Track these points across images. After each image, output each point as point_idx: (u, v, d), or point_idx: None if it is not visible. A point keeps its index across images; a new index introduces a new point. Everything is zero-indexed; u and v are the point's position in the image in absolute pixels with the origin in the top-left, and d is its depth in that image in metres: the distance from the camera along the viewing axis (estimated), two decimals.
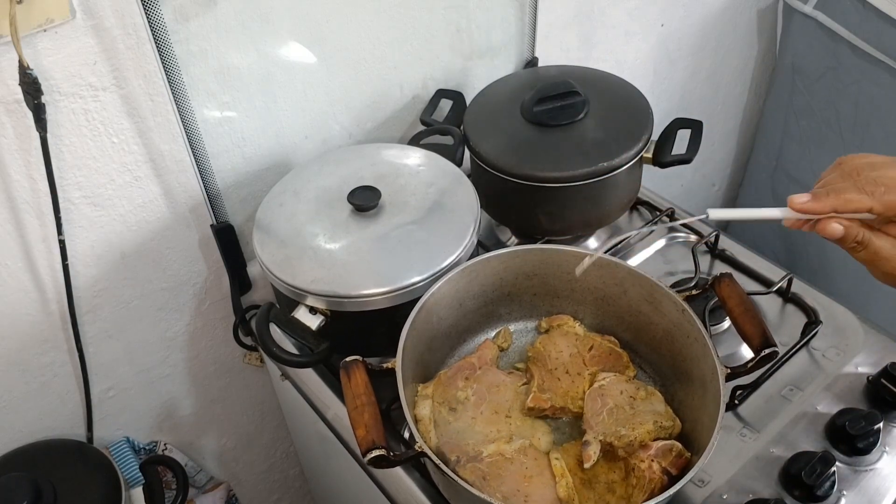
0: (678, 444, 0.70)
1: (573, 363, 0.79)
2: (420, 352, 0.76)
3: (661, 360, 0.80)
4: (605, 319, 0.84)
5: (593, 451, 0.70)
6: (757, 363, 0.71)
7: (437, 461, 0.64)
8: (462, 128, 0.98)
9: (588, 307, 0.84)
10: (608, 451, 0.72)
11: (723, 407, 0.66)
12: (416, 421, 0.72)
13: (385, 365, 0.71)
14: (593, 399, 0.75)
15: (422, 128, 1.02)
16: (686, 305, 0.74)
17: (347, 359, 0.70)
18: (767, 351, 0.70)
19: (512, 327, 0.86)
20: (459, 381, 0.77)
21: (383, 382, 0.70)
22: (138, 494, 0.92)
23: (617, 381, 0.77)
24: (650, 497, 0.65)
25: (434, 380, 0.77)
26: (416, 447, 0.65)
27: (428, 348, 0.78)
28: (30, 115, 0.73)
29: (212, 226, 0.92)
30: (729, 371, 0.69)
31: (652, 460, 0.69)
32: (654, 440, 0.71)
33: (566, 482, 0.69)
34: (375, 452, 0.63)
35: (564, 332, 0.82)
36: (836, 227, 0.61)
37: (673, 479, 0.68)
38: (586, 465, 0.70)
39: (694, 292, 0.78)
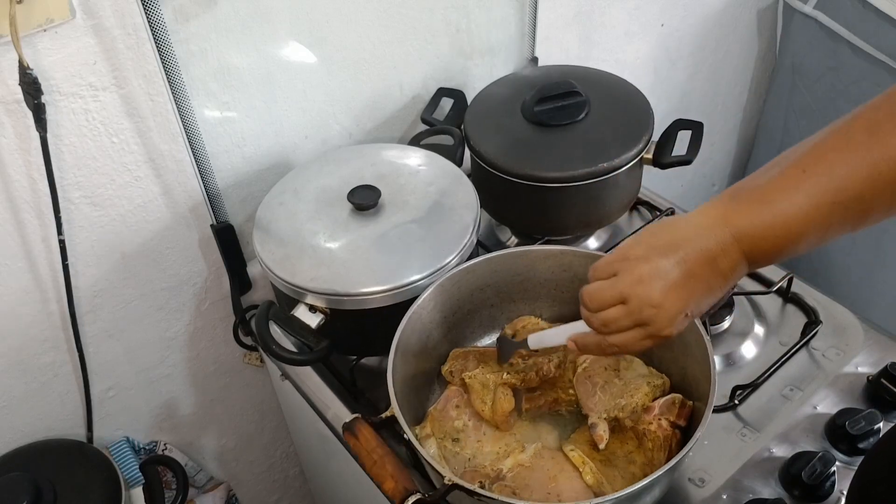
0: (679, 396, 0.72)
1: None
2: (405, 394, 0.75)
3: None
4: (562, 307, 0.84)
5: (603, 431, 0.71)
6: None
7: (474, 488, 0.62)
8: (462, 127, 0.98)
9: (544, 301, 0.85)
10: (615, 426, 0.73)
11: (709, 344, 0.68)
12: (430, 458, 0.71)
13: (383, 415, 0.71)
14: (582, 383, 0.76)
15: (422, 127, 1.02)
16: None
17: (347, 420, 0.69)
18: None
19: (479, 343, 0.86)
20: (451, 410, 0.77)
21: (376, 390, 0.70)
22: (138, 494, 0.92)
23: (596, 360, 0.77)
24: (670, 453, 0.67)
25: (427, 418, 0.77)
26: (447, 480, 0.64)
27: (411, 389, 0.78)
28: (30, 115, 0.73)
29: (212, 226, 0.92)
30: None
31: (659, 419, 0.70)
32: (654, 400, 0.72)
33: (590, 468, 0.70)
34: (413, 498, 0.63)
35: (531, 330, 0.82)
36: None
37: (684, 431, 0.70)
38: (601, 446, 0.71)
39: None
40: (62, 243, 0.82)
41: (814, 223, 0.54)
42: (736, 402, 0.81)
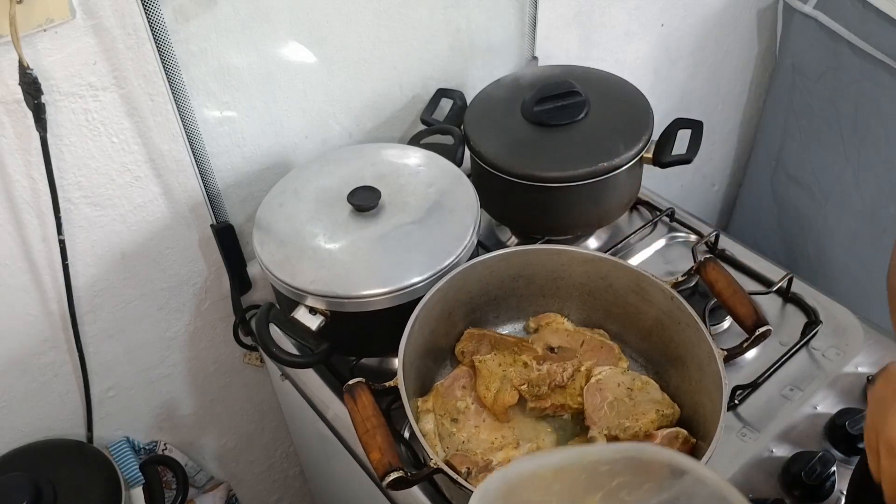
0: (683, 431, 0.71)
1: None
2: (417, 366, 0.75)
3: (651, 349, 0.81)
4: (591, 313, 0.84)
5: None
6: (752, 342, 0.72)
7: (455, 476, 0.63)
8: (462, 127, 0.98)
9: (574, 303, 0.84)
10: None
11: (724, 389, 0.67)
12: (422, 436, 0.72)
13: (387, 384, 0.70)
14: (592, 394, 0.75)
15: (422, 127, 1.02)
16: (675, 292, 0.75)
17: (350, 382, 0.69)
18: (762, 329, 0.72)
19: (501, 330, 0.86)
20: (457, 390, 0.77)
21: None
22: (138, 494, 0.92)
23: (613, 373, 0.77)
24: None
25: (432, 392, 0.77)
26: (432, 464, 0.64)
27: (423, 362, 0.78)
28: (30, 115, 0.73)
29: (212, 226, 0.92)
30: (726, 353, 0.70)
31: None
32: (658, 429, 0.72)
33: None
34: (394, 475, 0.63)
35: (554, 329, 0.82)
36: None
37: None
38: None
39: (680, 278, 0.79)
40: (62, 243, 0.82)
41: None
42: (736, 402, 0.81)
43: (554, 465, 0.54)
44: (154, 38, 0.75)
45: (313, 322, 0.79)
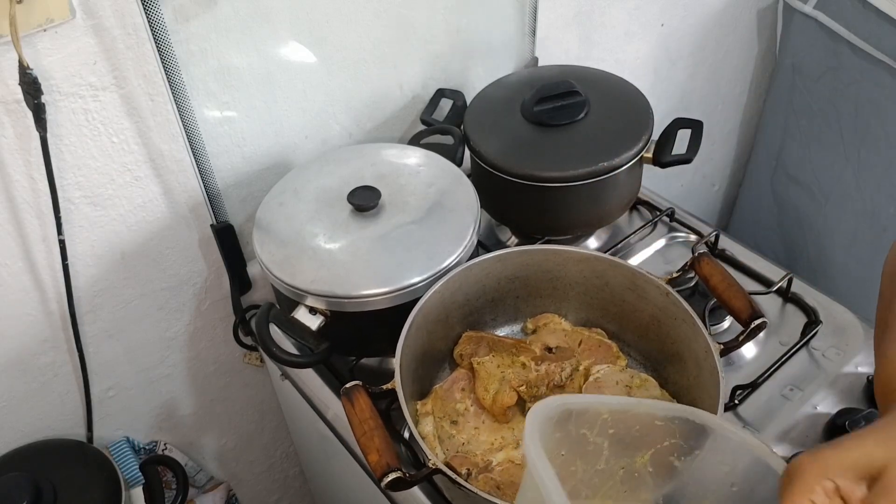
0: None
1: None
2: (414, 368, 0.75)
3: (649, 346, 0.81)
4: (589, 313, 0.84)
5: None
6: (747, 335, 0.73)
7: (454, 476, 0.63)
8: (462, 127, 0.98)
9: (571, 303, 0.85)
10: None
11: (722, 382, 0.67)
12: (422, 438, 0.72)
13: (384, 386, 0.70)
14: (591, 392, 0.75)
15: (422, 127, 1.02)
16: (670, 289, 0.75)
17: (347, 385, 0.69)
18: (757, 322, 0.72)
19: (499, 332, 0.86)
20: (456, 392, 0.77)
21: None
22: (138, 494, 0.92)
23: (611, 372, 0.77)
24: None
25: (431, 395, 0.77)
26: (430, 464, 0.64)
27: (421, 364, 0.78)
28: (30, 115, 0.73)
29: (212, 226, 0.92)
30: (722, 347, 0.71)
31: None
32: None
33: None
34: (392, 476, 0.63)
35: (552, 329, 0.83)
36: None
37: None
38: None
39: (675, 274, 0.79)
40: (62, 243, 0.82)
41: None
42: (736, 402, 0.81)
43: (610, 407, 0.55)
44: (154, 38, 0.75)
45: (313, 322, 0.79)
